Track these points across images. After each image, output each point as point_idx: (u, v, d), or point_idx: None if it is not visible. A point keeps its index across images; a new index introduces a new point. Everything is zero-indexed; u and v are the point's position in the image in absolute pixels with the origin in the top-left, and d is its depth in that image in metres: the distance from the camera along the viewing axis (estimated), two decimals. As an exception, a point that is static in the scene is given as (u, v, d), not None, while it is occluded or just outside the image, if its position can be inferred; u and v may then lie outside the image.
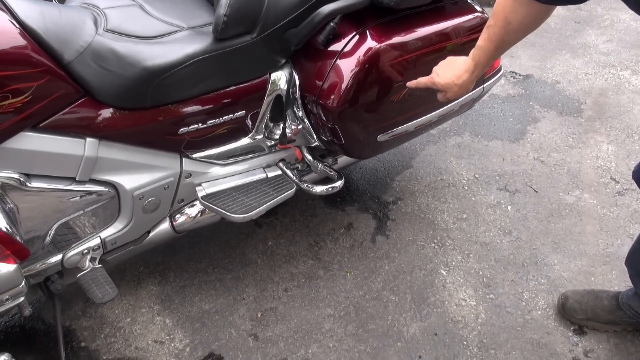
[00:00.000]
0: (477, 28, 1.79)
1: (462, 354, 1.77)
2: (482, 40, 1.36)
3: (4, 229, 1.20)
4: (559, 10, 3.95)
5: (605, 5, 4.05)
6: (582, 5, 3.99)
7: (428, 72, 1.72)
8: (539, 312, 1.89)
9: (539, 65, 3.28)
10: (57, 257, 1.52)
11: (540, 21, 1.30)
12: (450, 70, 1.45)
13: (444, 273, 2.03)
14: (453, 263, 2.07)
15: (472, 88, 1.93)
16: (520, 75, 3.18)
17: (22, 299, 1.36)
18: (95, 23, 1.42)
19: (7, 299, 1.31)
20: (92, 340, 1.79)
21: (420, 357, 1.76)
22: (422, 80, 1.51)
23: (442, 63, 1.48)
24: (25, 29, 1.27)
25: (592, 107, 2.92)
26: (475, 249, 2.12)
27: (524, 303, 1.92)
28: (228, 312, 1.88)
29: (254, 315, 1.87)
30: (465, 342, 1.80)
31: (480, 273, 2.03)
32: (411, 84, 1.55)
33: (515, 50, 3.42)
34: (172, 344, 1.79)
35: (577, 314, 1.83)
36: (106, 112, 1.39)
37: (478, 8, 1.84)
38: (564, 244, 2.14)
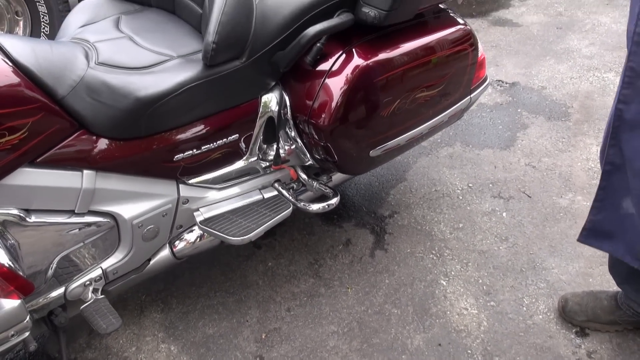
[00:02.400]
0: (460, 40, 1.83)
1: (467, 362, 1.78)
2: None
3: (7, 265, 1.21)
4: (541, 17, 4.01)
5: (585, 9, 4.11)
6: (563, 10, 4.06)
7: (416, 86, 1.75)
8: (541, 316, 1.91)
9: (525, 72, 3.32)
10: (60, 291, 1.53)
11: None
12: None
13: (444, 283, 2.04)
14: (452, 273, 2.08)
15: (462, 96, 1.96)
16: (506, 83, 3.22)
17: (27, 334, 1.36)
18: (87, 57, 1.45)
19: (12, 335, 1.31)
20: (98, 372, 1.79)
21: (426, 368, 1.77)
22: None
23: None
24: (18, 67, 1.29)
25: (579, 110, 2.96)
26: (473, 258, 2.14)
27: (525, 308, 1.94)
28: (232, 335, 1.89)
29: (259, 337, 1.88)
30: (469, 351, 1.81)
31: (480, 281, 2.04)
32: None
33: (500, 59, 3.47)
34: (178, 371, 1.79)
35: (577, 316, 1.84)
36: (102, 144, 1.41)
37: (460, 20, 1.88)
38: (560, 247, 2.15)
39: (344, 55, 1.61)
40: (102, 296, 1.59)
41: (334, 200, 1.84)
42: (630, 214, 1.36)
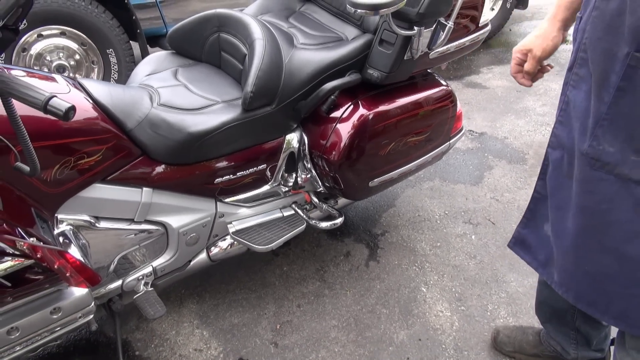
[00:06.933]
0: (443, 98, 1.84)
1: (442, 355, 1.75)
2: None
3: (79, 260, 1.20)
4: (504, 82, 4.04)
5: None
6: (521, 78, 4.08)
7: (407, 132, 1.76)
8: (501, 320, 1.88)
9: (491, 125, 3.33)
10: (118, 283, 1.52)
11: None
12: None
13: (424, 290, 2.02)
14: (431, 282, 2.06)
15: (443, 142, 1.95)
16: (476, 133, 3.23)
17: (91, 317, 1.35)
18: (151, 99, 1.46)
19: (79, 317, 1.30)
20: (144, 350, 1.77)
21: (408, 358, 1.74)
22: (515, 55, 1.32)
23: None
24: (97, 104, 1.31)
25: (534, 156, 2.95)
26: (448, 270, 2.11)
27: (489, 313, 1.91)
28: (253, 324, 1.86)
29: (274, 327, 1.85)
30: (443, 346, 1.78)
31: (453, 290, 2.02)
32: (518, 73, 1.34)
33: (471, 113, 3.48)
34: (209, 352, 1.76)
35: (506, 347, 1.72)
36: (159, 168, 1.42)
37: (443, 82, 1.89)
38: (518, 265, 2.13)
39: (352, 106, 1.62)
40: (152, 289, 1.58)
41: (339, 220, 1.83)
42: (547, 236, 1.34)
